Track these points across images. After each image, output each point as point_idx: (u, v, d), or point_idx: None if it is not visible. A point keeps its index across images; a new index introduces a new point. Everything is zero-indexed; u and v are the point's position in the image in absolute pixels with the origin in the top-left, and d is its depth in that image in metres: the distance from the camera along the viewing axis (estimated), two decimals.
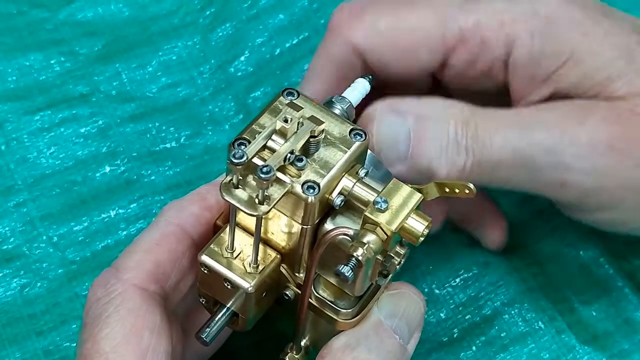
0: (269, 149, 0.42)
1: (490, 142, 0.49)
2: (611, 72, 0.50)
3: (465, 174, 0.50)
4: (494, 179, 0.51)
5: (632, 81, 0.50)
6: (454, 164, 0.50)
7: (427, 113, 0.50)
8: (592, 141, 0.49)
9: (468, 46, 0.52)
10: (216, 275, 0.45)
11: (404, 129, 0.50)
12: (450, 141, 0.49)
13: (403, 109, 0.50)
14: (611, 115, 0.50)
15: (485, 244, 0.59)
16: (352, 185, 0.44)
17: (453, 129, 0.49)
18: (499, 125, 0.50)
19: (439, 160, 0.50)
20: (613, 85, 0.50)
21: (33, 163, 0.62)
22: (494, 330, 0.58)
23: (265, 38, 0.68)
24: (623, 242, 0.61)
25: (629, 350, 0.58)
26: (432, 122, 0.50)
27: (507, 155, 0.49)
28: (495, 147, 0.49)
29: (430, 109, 0.50)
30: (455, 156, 0.50)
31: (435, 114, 0.50)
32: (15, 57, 0.65)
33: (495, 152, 0.49)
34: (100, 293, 0.46)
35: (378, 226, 0.42)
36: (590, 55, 0.50)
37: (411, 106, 0.50)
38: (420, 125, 0.50)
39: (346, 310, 0.46)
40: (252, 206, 0.41)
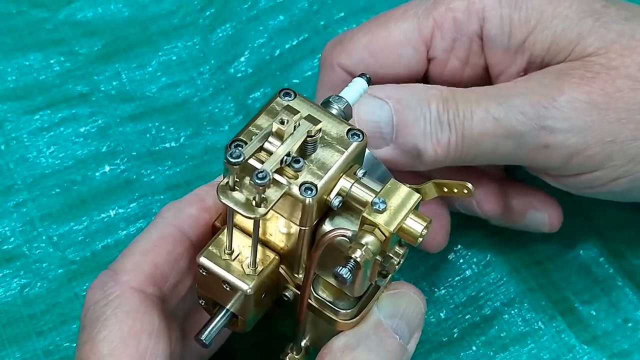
0: (265, 151, 0.42)
1: (472, 115, 0.50)
2: (581, 29, 0.51)
3: (451, 150, 0.50)
4: (480, 152, 0.51)
5: (603, 36, 0.51)
6: (438, 141, 0.50)
7: (406, 96, 0.51)
8: (571, 100, 0.50)
9: (443, 31, 0.53)
10: (214, 277, 0.45)
11: (385, 112, 0.50)
12: (433, 119, 0.50)
13: (381, 94, 0.51)
14: (587, 73, 0.50)
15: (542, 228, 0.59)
16: (350, 186, 0.44)
17: (435, 107, 0.50)
18: (479, 99, 0.50)
19: (423, 139, 0.50)
20: (584, 41, 0.51)
21: (33, 163, 0.62)
22: (493, 330, 0.58)
23: (265, 39, 0.68)
24: (623, 242, 0.61)
25: (628, 349, 0.58)
26: (413, 103, 0.50)
27: (489, 126, 0.50)
28: (477, 120, 0.50)
29: (409, 91, 0.51)
30: (439, 134, 0.50)
31: (415, 96, 0.51)
32: (15, 57, 0.65)
33: (477, 124, 0.50)
34: (98, 296, 0.46)
35: (376, 227, 0.42)
36: (558, 18, 0.51)
37: (390, 91, 0.51)
38: (402, 108, 0.50)
39: (346, 311, 0.46)
40: (249, 208, 0.41)
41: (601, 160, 0.50)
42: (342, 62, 0.55)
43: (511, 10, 0.52)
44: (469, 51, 0.54)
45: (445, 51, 0.54)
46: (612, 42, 0.50)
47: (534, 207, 0.58)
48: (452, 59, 0.54)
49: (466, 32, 0.53)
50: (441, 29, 0.53)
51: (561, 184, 0.53)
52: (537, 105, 0.50)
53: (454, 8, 0.53)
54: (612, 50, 0.50)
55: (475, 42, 0.54)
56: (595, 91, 0.50)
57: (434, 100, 0.50)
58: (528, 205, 0.58)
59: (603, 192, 0.53)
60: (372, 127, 0.50)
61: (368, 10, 0.68)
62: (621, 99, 0.50)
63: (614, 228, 0.62)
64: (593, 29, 0.51)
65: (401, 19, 0.54)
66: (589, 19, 0.51)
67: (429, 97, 0.50)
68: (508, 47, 0.53)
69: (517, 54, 0.53)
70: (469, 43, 0.54)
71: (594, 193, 0.53)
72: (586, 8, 0.52)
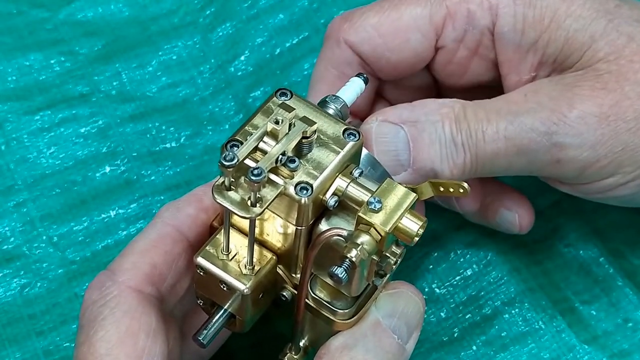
0: (260, 151, 0.42)
1: (483, 135, 0.50)
2: (593, 32, 0.51)
3: (466, 170, 0.51)
4: (494, 169, 0.51)
5: (614, 40, 0.50)
6: (454, 163, 0.50)
7: (420, 118, 0.50)
8: (581, 116, 0.49)
9: (455, 21, 0.53)
10: (212, 277, 0.45)
11: (401, 138, 0.50)
12: (448, 142, 0.50)
13: (396, 119, 0.51)
14: (597, 84, 0.50)
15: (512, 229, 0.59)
16: (346, 185, 0.44)
17: (448, 128, 0.50)
18: (489, 117, 0.50)
19: (440, 162, 0.50)
20: (595, 45, 0.51)
21: (33, 163, 0.62)
22: (494, 329, 0.58)
23: (265, 38, 0.68)
24: (623, 242, 0.61)
25: (629, 349, 0.57)
26: (427, 125, 0.50)
27: (501, 146, 0.50)
28: (488, 140, 0.50)
29: (423, 113, 0.51)
30: (454, 155, 0.50)
31: (428, 117, 0.50)
32: (15, 57, 0.65)
33: (489, 144, 0.50)
34: (96, 296, 0.46)
35: (372, 227, 0.42)
36: (571, 17, 0.51)
37: (403, 114, 0.51)
38: (416, 132, 0.50)
39: (343, 311, 0.46)
40: (244, 208, 0.41)
41: (613, 169, 0.51)
42: (348, 39, 0.55)
43: (525, 8, 0.52)
44: (479, 44, 0.54)
45: (455, 41, 0.54)
46: (622, 46, 0.50)
47: (505, 206, 0.58)
48: (462, 49, 0.54)
49: (478, 26, 0.53)
50: (453, 19, 0.53)
51: (574, 190, 0.53)
52: (548, 122, 0.49)
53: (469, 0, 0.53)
54: (622, 55, 0.50)
55: (486, 36, 0.53)
56: (605, 103, 0.49)
57: (447, 121, 0.50)
58: (500, 204, 0.58)
59: (612, 197, 0.53)
60: (390, 156, 0.50)
61: None
62: (630, 107, 0.50)
63: (614, 228, 0.61)
64: (605, 32, 0.50)
65: (414, 3, 0.54)
66: (602, 20, 0.51)
67: (442, 117, 0.50)
68: (520, 45, 0.52)
69: (529, 53, 0.52)
70: (480, 36, 0.53)
71: (603, 198, 0.53)
72: (599, 7, 0.51)
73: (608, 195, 0.52)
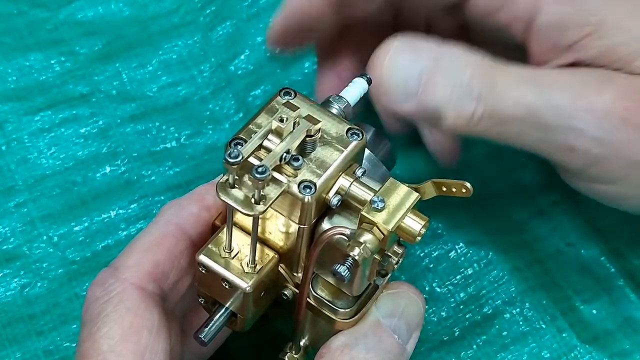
0: (265, 149, 0.42)
1: (506, 95, 0.48)
2: (635, 49, 0.49)
3: (472, 122, 0.49)
4: (503, 133, 0.49)
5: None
6: (462, 110, 0.48)
7: (444, 55, 0.49)
8: (607, 111, 0.48)
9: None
10: (214, 275, 0.45)
11: (417, 67, 0.48)
12: (464, 87, 0.48)
13: (421, 47, 0.49)
14: (630, 89, 0.49)
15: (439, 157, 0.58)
16: (349, 184, 0.44)
17: (469, 74, 0.48)
18: (517, 81, 0.49)
19: (447, 103, 0.48)
20: (635, 63, 0.49)
21: (33, 163, 0.62)
22: (494, 329, 0.58)
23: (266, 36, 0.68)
24: (624, 242, 0.61)
25: (629, 349, 0.57)
26: (448, 64, 0.48)
27: (520, 111, 0.48)
28: (510, 101, 0.48)
29: (450, 52, 0.49)
30: (465, 103, 0.48)
31: (453, 57, 0.49)
32: (15, 57, 0.65)
33: (509, 105, 0.48)
34: (99, 292, 0.46)
35: (375, 226, 0.42)
36: (616, 29, 0.50)
37: (430, 46, 0.49)
38: (435, 67, 0.48)
39: (344, 310, 0.46)
40: (248, 206, 0.41)
41: (619, 177, 0.50)
42: None
43: (571, 9, 0.50)
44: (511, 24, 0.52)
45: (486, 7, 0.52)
46: None
47: None
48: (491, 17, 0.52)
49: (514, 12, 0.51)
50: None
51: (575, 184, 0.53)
52: (574, 104, 0.48)
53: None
54: None
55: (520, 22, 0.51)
56: (633, 109, 0.48)
57: (471, 67, 0.48)
58: None
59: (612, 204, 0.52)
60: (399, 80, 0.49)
61: None
62: None
63: (615, 228, 0.61)
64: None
65: None
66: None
67: (468, 62, 0.48)
68: (556, 43, 0.51)
69: (565, 52, 0.51)
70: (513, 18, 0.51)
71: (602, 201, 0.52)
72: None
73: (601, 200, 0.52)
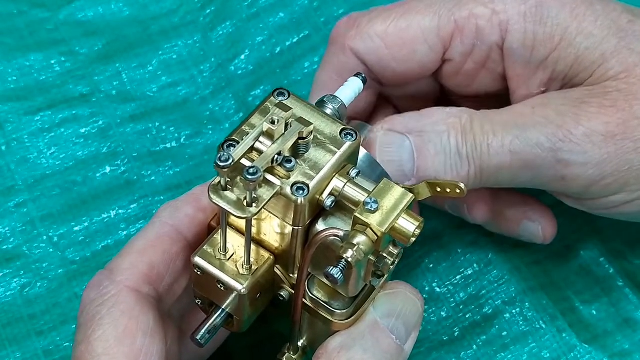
0: (257, 151, 0.42)
1: (488, 149, 0.49)
2: (604, 50, 0.50)
3: (470, 181, 0.50)
4: (499, 181, 0.51)
5: (625, 58, 0.50)
6: (459, 174, 0.50)
7: (426, 128, 0.50)
8: (587, 133, 0.49)
9: (463, 36, 0.53)
10: (209, 277, 0.45)
11: (406, 148, 0.50)
12: (452, 153, 0.50)
13: (402, 129, 0.50)
14: (606, 101, 0.49)
15: (535, 239, 0.58)
16: (343, 185, 0.43)
17: (454, 140, 0.50)
18: (495, 129, 0.50)
19: (444, 173, 0.50)
20: (607, 64, 0.50)
21: (33, 163, 0.62)
22: (494, 329, 0.58)
23: (266, 36, 0.68)
24: (623, 242, 0.61)
25: (629, 349, 0.57)
26: (433, 136, 0.50)
27: (505, 159, 0.50)
28: (493, 153, 0.49)
29: (429, 123, 0.51)
30: (459, 167, 0.50)
31: (434, 127, 0.50)
32: (15, 57, 0.65)
33: (493, 157, 0.50)
34: (94, 295, 0.46)
35: (368, 227, 0.42)
36: (582, 35, 0.51)
37: (410, 123, 0.51)
38: (422, 142, 0.50)
39: (341, 311, 0.46)
40: (240, 208, 0.41)
41: (618, 187, 0.50)
42: (354, 47, 0.54)
43: (535, 26, 0.51)
44: (487, 58, 0.53)
45: (463, 55, 0.53)
46: (634, 65, 0.50)
47: (528, 217, 0.58)
48: (469, 62, 0.54)
49: (487, 41, 0.52)
50: (462, 34, 0.53)
51: (579, 205, 0.53)
52: (553, 138, 0.49)
53: (478, 15, 0.52)
54: (633, 74, 0.50)
55: (494, 51, 0.53)
56: (612, 121, 0.49)
57: (453, 132, 0.50)
58: (522, 215, 0.58)
59: (618, 213, 0.52)
60: (394, 166, 0.50)
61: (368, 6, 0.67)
62: (638, 126, 0.49)
63: (614, 228, 0.61)
64: (616, 50, 0.50)
65: (423, 13, 0.53)
66: (613, 38, 0.50)
67: (449, 128, 0.50)
68: (530, 62, 0.52)
69: (539, 69, 0.52)
70: (488, 51, 0.53)
71: (608, 213, 0.53)
72: (611, 25, 0.51)
73: (614, 212, 0.52)
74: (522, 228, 0.58)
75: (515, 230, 0.58)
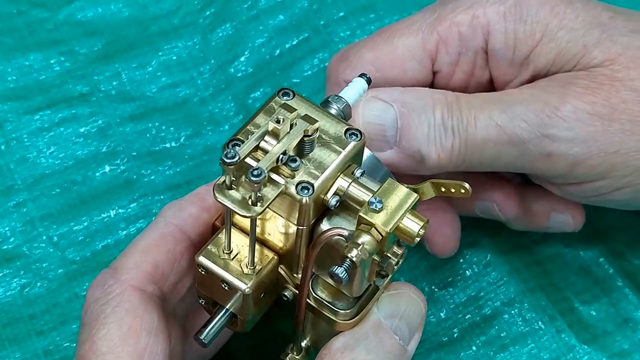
0: (262, 150, 0.42)
1: (475, 121, 0.50)
2: (586, 42, 0.51)
3: (454, 155, 0.50)
4: (483, 158, 0.51)
5: (608, 48, 0.50)
6: (442, 146, 0.50)
7: (411, 100, 0.51)
8: (574, 110, 0.49)
9: (448, 46, 0.53)
10: (213, 277, 0.45)
11: (390, 115, 0.50)
12: (437, 124, 0.50)
13: (387, 97, 0.51)
14: (592, 83, 0.50)
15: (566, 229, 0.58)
16: (348, 185, 0.44)
17: (439, 112, 0.50)
18: (482, 105, 0.50)
19: (427, 143, 0.50)
20: (590, 54, 0.51)
21: (33, 163, 0.62)
22: (494, 330, 0.58)
23: (265, 39, 0.68)
24: (623, 243, 0.61)
25: (628, 350, 0.58)
26: (418, 107, 0.50)
27: (492, 132, 0.50)
28: (480, 126, 0.50)
29: (415, 95, 0.51)
30: (443, 139, 0.50)
31: (420, 100, 0.51)
32: (15, 57, 0.65)
33: (480, 130, 0.50)
34: (98, 294, 0.46)
35: (373, 227, 0.42)
36: (564, 30, 0.51)
37: (395, 94, 0.51)
38: (407, 111, 0.50)
39: (345, 311, 0.46)
40: (245, 207, 0.41)
41: (604, 170, 0.50)
42: (348, 78, 0.54)
43: (516, 24, 0.52)
44: (474, 65, 0.54)
45: (450, 65, 0.54)
46: (617, 54, 0.50)
47: (556, 209, 0.58)
48: (458, 72, 0.54)
49: (471, 47, 0.53)
50: (446, 44, 0.53)
51: (565, 192, 0.53)
52: (540, 114, 0.49)
53: (459, 22, 0.53)
54: (617, 62, 0.50)
55: (480, 56, 0.53)
56: (599, 102, 0.49)
57: (439, 105, 0.50)
58: (550, 208, 0.58)
59: (606, 201, 0.53)
60: (376, 130, 0.50)
61: (368, 9, 0.68)
62: (625, 110, 0.50)
63: (614, 229, 0.61)
64: (599, 41, 0.51)
65: (405, 34, 0.54)
66: (595, 31, 0.51)
67: (434, 102, 0.50)
68: (513, 61, 0.52)
69: (522, 67, 0.52)
70: (474, 57, 0.54)
71: (597, 201, 0.53)
72: (592, 20, 0.51)
73: (603, 199, 0.52)
74: (552, 220, 0.58)
75: (544, 223, 0.58)
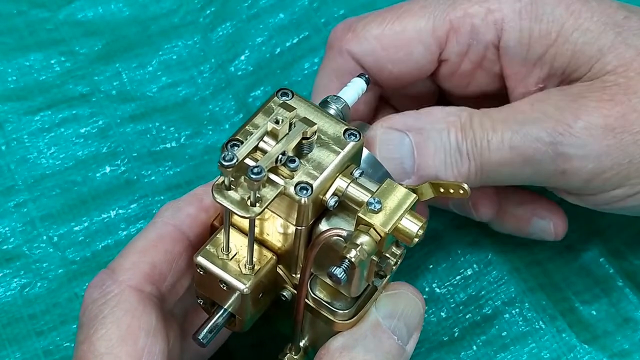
0: (260, 151, 0.42)
1: (488, 144, 0.50)
2: (601, 45, 0.50)
3: (471, 178, 0.50)
4: (499, 178, 0.51)
5: (622, 54, 0.50)
6: (459, 171, 0.50)
7: (425, 126, 0.50)
8: (587, 127, 0.49)
9: (459, 36, 0.53)
10: (212, 277, 0.45)
11: (406, 145, 0.50)
12: (452, 150, 0.50)
13: (401, 126, 0.50)
14: (605, 95, 0.50)
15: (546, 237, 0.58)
16: (346, 186, 0.44)
17: (454, 137, 0.50)
18: (494, 125, 0.50)
19: (444, 170, 0.50)
20: (604, 58, 0.50)
21: (33, 163, 0.62)
22: (494, 329, 0.58)
23: (266, 37, 0.68)
24: (623, 242, 0.61)
25: (629, 349, 0.57)
26: (433, 133, 0.50)
27: (505, 155, 0.50)
28: (494, 149, 0.50)
29: (429, 120, 0.51)
30: (459, 164, 0.50)
31: (434, 125, 0.50)
32: (15, 57, 0.65)
33: (494, 153, 0.50)
34: (96, 294, 0.46)
35: (371, 227, 0.42)
36: (579, 31, 0.51)
37: (409, 121, 0.51)
38: (421, 139, 0.50)
39: (343, 311, 0.46)
40: (244, 208, 0.41)
41: (619, 181, 0.50)
42: (351, 50, 0.54)
43: (531, 23, 0.51)
44: (484, 57, 0.53)
45: (459, 55, 0.54)
46: (631, 59, 0.50)
47: (538, 215, 0.58)
48: (465, 62, 0.54)
49: (482, 40, 0.53)
50: (457, 33, 0.53)
51: (580, 201, 0.53)
52: (553, 132, 0.49)
53: (472, 14, 0.52)
54: (630, 68, 0.50)
55: (490, 50, 0.53)
56: (612, 115, 0.49)
57: (453, 129, 0.50)
58: (532, 213, 0.58)
59: (620, 208, 0.52)
60: (394, 164, 0.50)
61: (368, 7, 0.68)
62: (638, 119, 0.49)
63: (614, 229, 0.61)
64: (613, 45, 0.50)
65: (418, 15, 0.53)
66: (610, 33, 0.50)
67: (449, 126, 0.50)
68: (526, 59, 0.52)
69: (536, 66, 0.52)
70: (484, 50, 0.53)
71: (610, 209, 0.53)
72: (608, 20, 0.51)
73: (615, 207, 0.52)
74: (532, 226, 0.58)
75: (525, 228, 0.58)
